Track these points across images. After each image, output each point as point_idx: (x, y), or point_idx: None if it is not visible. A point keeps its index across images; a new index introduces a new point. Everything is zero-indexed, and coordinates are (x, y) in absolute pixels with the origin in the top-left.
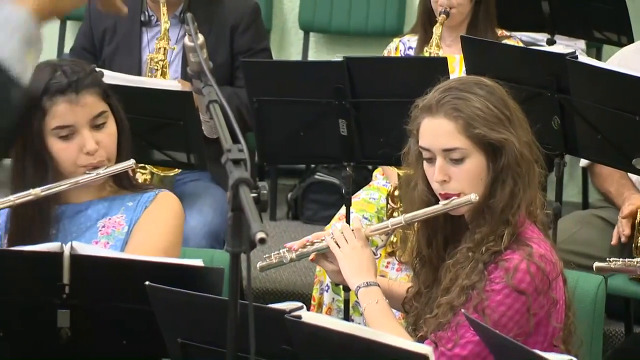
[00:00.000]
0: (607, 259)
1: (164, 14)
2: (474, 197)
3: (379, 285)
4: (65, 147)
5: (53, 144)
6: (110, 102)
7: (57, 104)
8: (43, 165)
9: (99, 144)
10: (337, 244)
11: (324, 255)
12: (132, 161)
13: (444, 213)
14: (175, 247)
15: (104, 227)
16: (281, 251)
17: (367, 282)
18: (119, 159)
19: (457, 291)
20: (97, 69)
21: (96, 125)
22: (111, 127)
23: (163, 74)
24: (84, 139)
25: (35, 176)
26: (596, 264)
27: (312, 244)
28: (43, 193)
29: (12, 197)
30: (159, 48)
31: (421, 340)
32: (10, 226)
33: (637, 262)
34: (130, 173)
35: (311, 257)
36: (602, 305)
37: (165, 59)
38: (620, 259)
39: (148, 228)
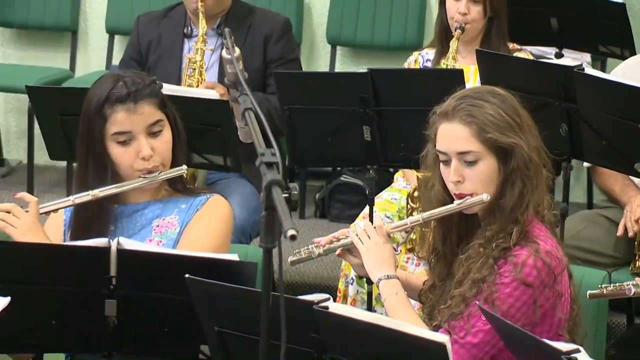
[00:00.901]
0: (599, 285)
1: (201, 20)
2: (485, 197)
3: (398, 278)
4: (123, 151)
5: (112, 148)
6: (167, 112)
7: (116, 112)
8: (103, 168)
9: (154, 150)
10: (361, 240)
11: (349, 250)
12: (184, 167)
13: (458, 212)
14: (222, 248)
15: (158, 226)
16: (310, 247)
17: (387, 275)
18: (173, 165)
19: (469, 284)
20: (157, 81)
21: (152, 133)
22: (166, 135)
23: (200, 74)
24: (140, 145)
25: (96, 177)
26: (589, 292)
27: (338, 240)
28: (101, 194)
29: (72, 198)
30: (197, 49)
31: (435, 329)
32: (73, 223)
33: (626, 285)
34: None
35: (337, 252)
36: (605, 299)
37: (202, 59)
38: (612, 285)
39: (198, 229)
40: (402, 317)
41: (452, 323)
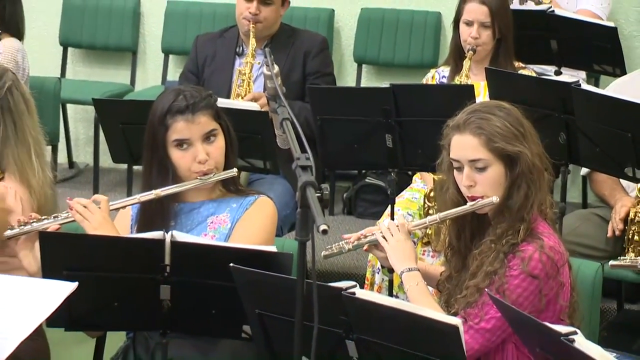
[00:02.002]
0: (619, 257)
1: (251, 39)
2: (495, 199)
3: (419, 270)
4: (182, 156)
5: (173, 153)
6: (221, 122)
7: (177, 121)
8: (165, 170)
9: (209, 155)
10: (385, 238)
11: (375, 245)
12: (234, 170)
13: (470, 212)
14: (267, 242)
15: (212, 223)
16: (340, 243)
17: (409, 268)
18: (226, 168)
19: (482, 276)
20: (213, 95)
21: (208, 140)
22: (220, 142)
23: (248, 84)
24: (197, 150)
25: (159, 178)
26: (611, 262)
27: (365, 237)
28: (162, 193)
29: (137, 196)
30: (246, 63)
31: (453, 316)
32: (139, 218)
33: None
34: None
35: (365, 247)
36: (599, 286)
37: (250, 72)
38: (628, 259)
39: (246, 226)
40: (422, 304)
41: (467, 311)
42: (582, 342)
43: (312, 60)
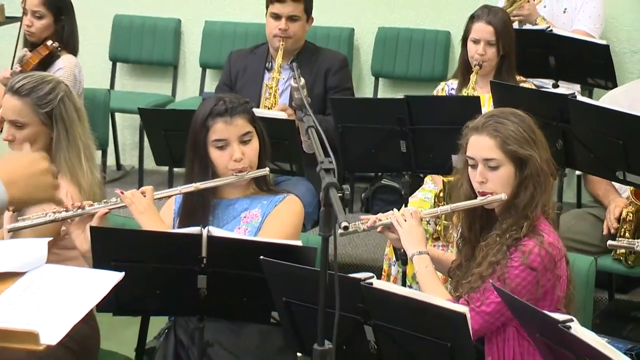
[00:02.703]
0: (618, 238)
1: (279, 57)
2: (504, 196)
3: (428, 254)
4: (220, 154)
5: (212, 152)
6: (256, 126)
7: (216, 123)
8: (205, 167)
9: (244, 155)
10: (399, 223)
11: (388, 228)
12: (267, 169)
13: (480, 206)
14: (293, 237)
15: (245, 217)
16: (357, 222)
17: (419, 251)
18: (259, 168)
19: (486, 265)
20: (249, 102)
21: (243, 141)
22: (255, 143)
23: (274, 97)
24: (233, 149)
25: (200, 174)
26: (609, 242)
27: (380, 220)
28: (202, 186)
29: (179, 188)
30: (273, 77)
31: (457, 299)
32: (180, 212)
33: (636, 241)
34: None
35: (379, 229)
36: (592, 278)
37: (276, 86)
38: (626, 240)
39: (275, 221)
40: (429, 285)
41: (470, 295)
42: (577, 329)
43: (332, 77)
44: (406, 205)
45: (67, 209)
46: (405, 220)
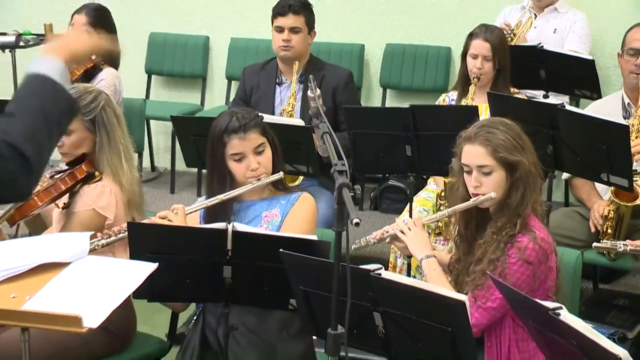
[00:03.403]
0: (601, 240)
1: (293, 80)
2: (493, 194)
3: (435, 256)
4: (238, 166)
5: (231, 164)
6: (268, 136)
7: (232, 139)
8: (224, 178)
9: (260, 164)
10: (404, 232)
11: (396, 238)
12: (281, 173)
13: (474, 206)
14: (310, 230)
15: (265, 216)
16: (367, 237)
17: (427, 255)
18: (274, 172)
19: (487, 262)
20: (259, 114)
21: (258, 152)
22: (268, 152)
23: (291, 116)
24: (249, 161)
25: (219, 185)
26: (595, 244)
27: (387, 232)
28: (225, 198)
29: (207, 202)
30: (289, 103)
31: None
32: (205, 215)
33: (618, 243)
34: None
35: (387, 240)
36: (579, 270)
37: (292, 110)
38: (609, 242)
39: (294, 219)
40: (439, 285)
41: (475, 292)
42: (566, 315)
43: (340, 94)
44: (411, 204)
45: (115, 233)
46: (410, 229)
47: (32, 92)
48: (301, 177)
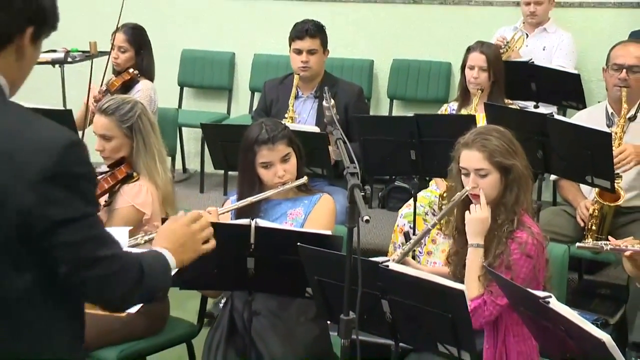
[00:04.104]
0: (583, 241)
1: (293, 93)
2: (466, 188)
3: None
4: (266, 173)
5: (260, 170)
6: (293, 146)
7: (262, 149)
8: (253, 182)
9: (286, 171)
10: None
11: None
12: (305, 178)
13: (470, 205)
14: (329, 228)
15: (290, 214)
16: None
17: (477, 244)
18: (298, 177)
19: (492, 257)
20: (286, 126)
21: (284, 160)
22: (293, 160)
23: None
24: (277, 169)
25: (249, 188)
26: (578, 244)
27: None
28: (254, 200)
29: (238, 204)
30: (290, 115)
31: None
32: (236, 214)
33: (600, 243)
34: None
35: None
36: (566, 263)
37: (292, 120)
38: (592, 242)
39: (316, 218)
40: (473, 275)
41: (490, 287)
42: (554, 303)
43: (352, 109)
44: (415, 200)
45: (150, 232)
46: (476, 211)
47: (162, 263)
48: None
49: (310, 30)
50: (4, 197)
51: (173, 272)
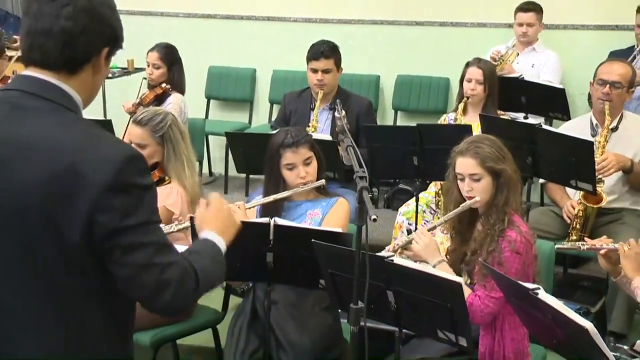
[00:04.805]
0: (562, 242)
1: (317, 104)
2: (477, 198)
3: (445, 260)
4: (290, 174)
5: (284, 172)
6: (314, 151)
7: (286, 152)
8: (278, 182)
9: (307, 173)
10: (416, 241)
11: (405, 248)
12: (323, 180)
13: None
14: (344, 228)
15: (309, 214)
16: (388, 252)
17: (439, 261)
18: (317, 179)
19: (485, 254)
20: (309, 133)
21: (306, 163)
22: (314, 164)
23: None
24: (299, 170)
25: (274, 187)
26: (557, 246)
27: (398, 244)
28: (278, 197)
29: (263, 200)
30: (313, 124)
31: (472, 285)
32: (262, 211)
33: (578, 244)
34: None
35: (399, 251)
36: (552, 258)
37: (314, 129)
38: (570, 243)
39: (332, 217)
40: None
41: (484, 284)
42: (543, 294)
43: (362, 119)
44: (417, 201)
45: (179, 222)
46: (420, 241)
47: (214, 253)
48: None
49: (325, 52)
50: (70, 206)
51: (223, 251)
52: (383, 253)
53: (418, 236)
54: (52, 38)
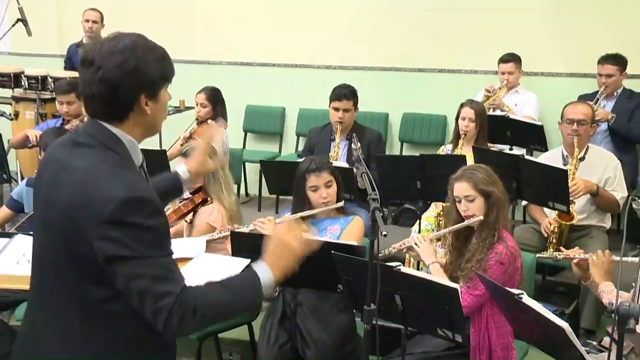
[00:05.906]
0: (542, 252)
1: (337, 137)
2: (481, 217)
3: (438, 262)
4: (313, 195)
5: (309, 193)
6: (335, 176)
7: (311, 177)
8: (303, 202)
9: (328, 194)
10: (417, 245)
11: (410, 248)
12: (342, 202)
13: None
14: (358, 242)
15: (330, 229)
16: (389, 249)
17: (433, 262)
18: (337, 201)
19: (474, 262)
20: (330, 161)
21: (327, 186)
22: (334, 187)
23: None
24: (322, 192)
25: (300, 206)
26: (537, 255)
27: (404, 244)
28: (304, 214)
29: (291, 216)
30: (335, 152)
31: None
32: None
33: (555, 254)
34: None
35: (404, 250)
36: (533, 267)
37: (337, 156)
38: (548, 253)
39: (348, 232)
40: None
41: (468, 284)
42: (526, 298)
43: (373, 148)
44: (420, 219)
45: (222, 230)
46: (420, 243)
47: (244, 285)
48: None
49: (346, 94)
50: (82, 232)
51: (270, 284)
52: (390, 249)
53: (419, 240)
54: (95, 101)
